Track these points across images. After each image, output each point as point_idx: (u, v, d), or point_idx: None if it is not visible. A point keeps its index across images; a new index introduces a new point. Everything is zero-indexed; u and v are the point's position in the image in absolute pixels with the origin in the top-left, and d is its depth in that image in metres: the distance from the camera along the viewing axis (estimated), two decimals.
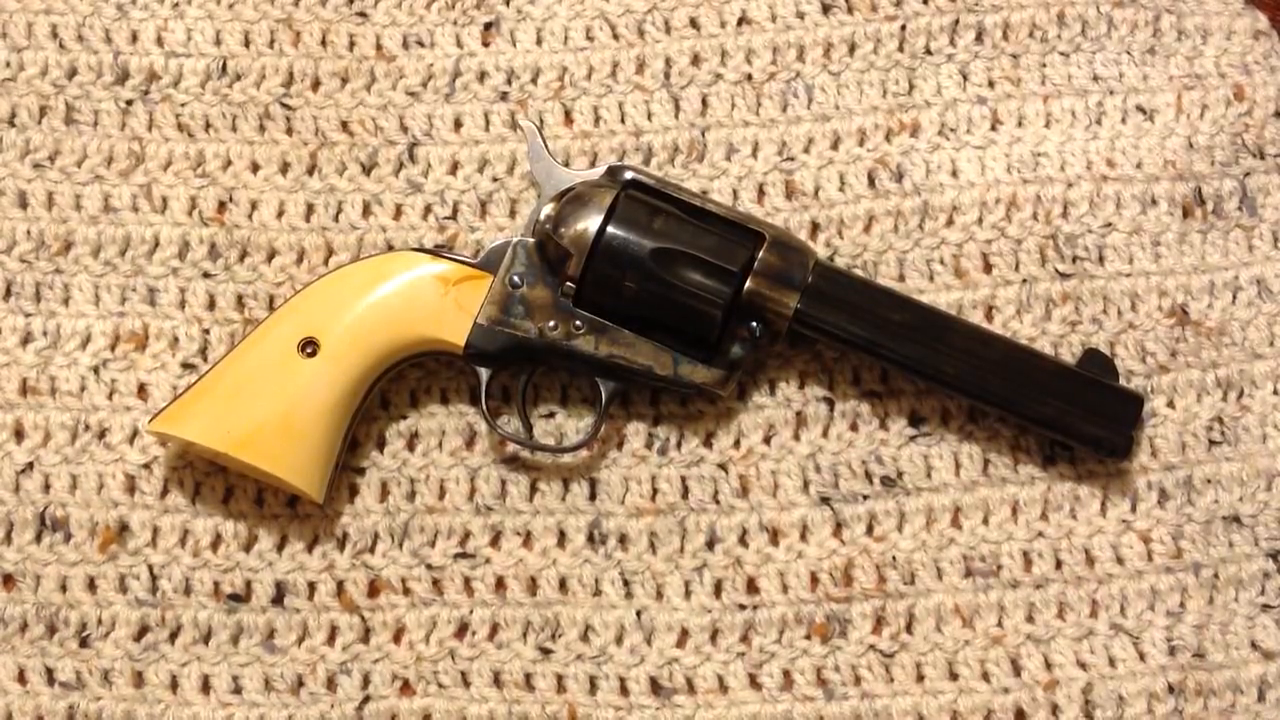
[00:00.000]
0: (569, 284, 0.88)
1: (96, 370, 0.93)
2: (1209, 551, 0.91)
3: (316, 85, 0.97)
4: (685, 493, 0.92)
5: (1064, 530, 0.91)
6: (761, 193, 0.96)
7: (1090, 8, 0.97)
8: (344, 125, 0.96)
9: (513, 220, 0.95)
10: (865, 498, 0.91)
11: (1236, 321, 0.93)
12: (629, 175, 0.90)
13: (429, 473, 0.92)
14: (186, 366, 0.93)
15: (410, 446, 0.92)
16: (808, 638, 0.90)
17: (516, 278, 0.89)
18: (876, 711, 0.89)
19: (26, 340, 0.93)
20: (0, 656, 0.90)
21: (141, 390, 0.93)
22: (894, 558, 0.90)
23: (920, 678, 0.89)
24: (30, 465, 0.92)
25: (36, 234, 0.94)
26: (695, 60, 0.97)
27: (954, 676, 0.89)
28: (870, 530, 0.91)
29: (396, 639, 0.90)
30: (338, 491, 0.91)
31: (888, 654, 0.89)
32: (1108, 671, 0.89)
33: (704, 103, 0.97)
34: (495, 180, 0.95)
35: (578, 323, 0.88)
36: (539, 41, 0.97)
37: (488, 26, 0.98)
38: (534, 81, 0.97)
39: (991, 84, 0.97)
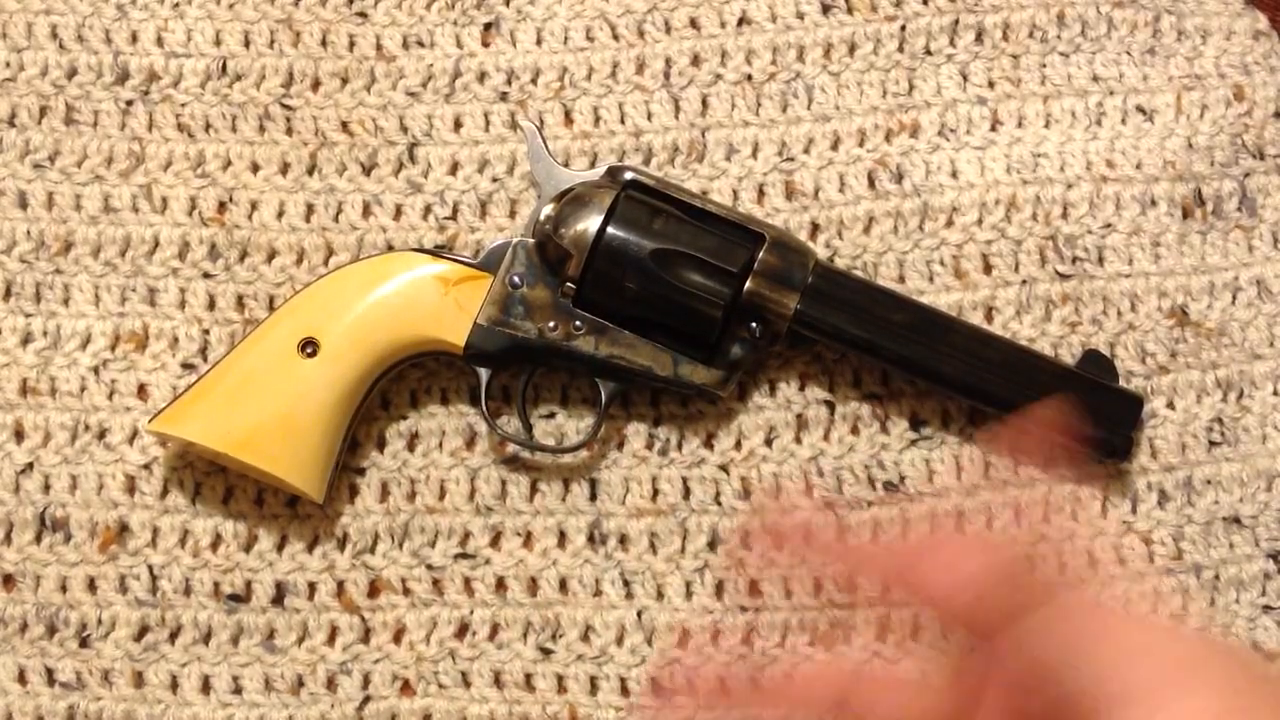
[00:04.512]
0: (569, 284, 0.88)
1: (96, 370, 0.93)
2: (1209, 553, 0.91)
3: (316, 85, 0.97)
4: (686, 494, 0.92)
5: (1066, 533, 0.91)
6: (761, 193, 0.95)
7: (1090, 8, 0.97)
8: (344, 125, 0.96)
9: (513, 220, 0.95)
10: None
11: (1236, 322, 0.93)
12: (629, 175, 0.90)
13: (429, 473, 0.92)
14: (186, 366, 0.93)
15: (410, 447, 0.92)
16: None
17: (516, 278, 0.89)
18: None
19: (26, 340, 0.93)
20: (0, 657, 0.90)
21: (141, 390, 0.93)
22: None
23: None
24: (30, 465, 0.92)
25: (36, 234, 0.94)
26: (695, 60, 0.97)
27: None
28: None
29: (397, 639, 0.90)
30: (338, 492, 0.91)
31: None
32: None
33: (704, 103, 0.97)
34: (495, 180, 0.95)
35: (577, 323, 0.88)
36: (539, 42, 0.97)
37: (488, 27, 0.98)
38: (534, 82, 0.97)
39: (991, 84, 0.97)
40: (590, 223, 0.87)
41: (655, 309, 0.88)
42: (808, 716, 0.71)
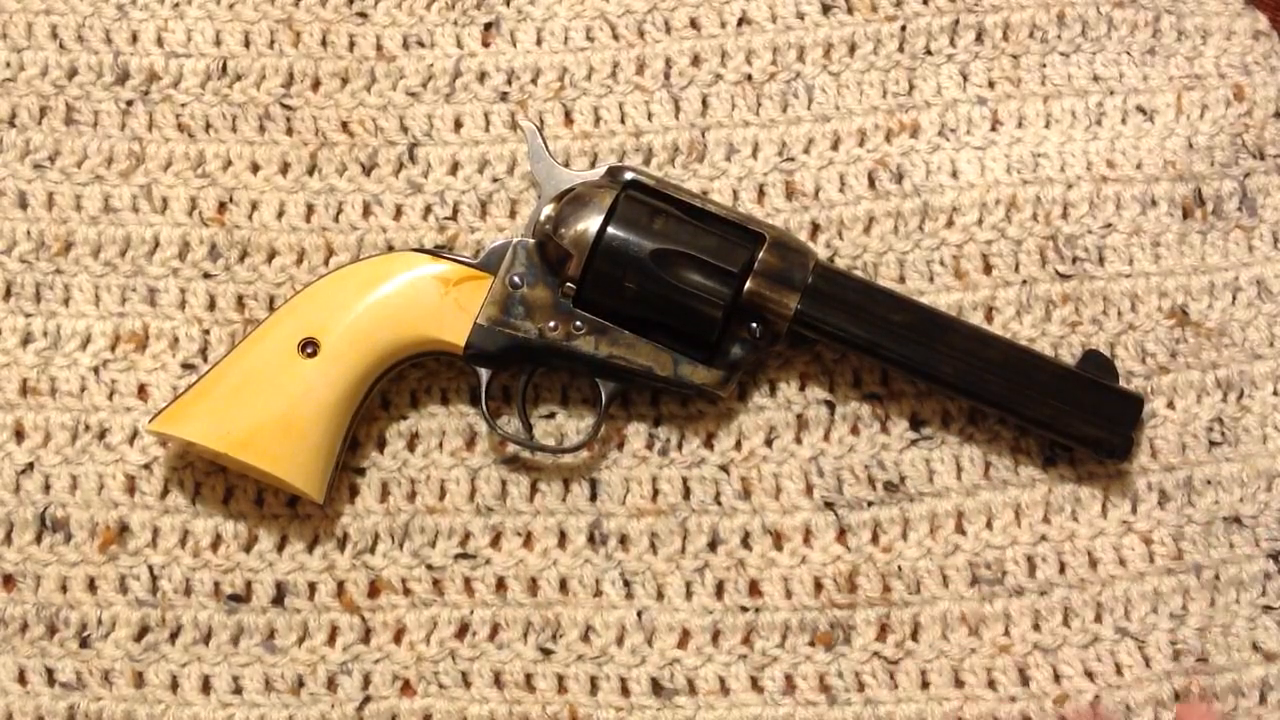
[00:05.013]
0: (569, 284, 0.88)
1: (97, 370, 0.93)
2: (1210, 553, 0.91)
3: (317, 85, 0.97)
4: (686, 494, 0.92)
5: (1066, 533, 0.91)
6: (761, 193, 0.96)
7: (1090, 8, 0.97)
8: (344, 126, 0.96)
9: (513, 221, 0.95)
10: (869, 504, 0.91)
11: (1236, 322, 0.93)
12: (629, 176, 0.90)
13: (429, 473, 0.92)
14: (186, 367, 0.93)
15: (411, 447, 0.93)
16: (811, 644, 0.90)
17: (517, 278, 0.89)
18: (880, 717, 0.89)
19: (27, 340, 0.93)
20: (0, 657, 0.90)
21: (141, 390, 0.93)
22: (899, 567, 0.90)
23: (925, 685, 0.89)
24: (30, 465, 0.92)
25: (37, 234, 0.94)
26: (695, 61, 0.97)
27: (959, 684, 0.89)
28: (875, 539, 0.91)
29: (397, 639, 0.90)
30: (338, 492, 0.91)
31: (892, 660, 0.90)
32: (1115, 680, 0.89)
33: (704, 103, 0.97)
34: (495, 180, 0.95)
35: (578, 323, 0.88)
36: (539, 42, 0.97)
37: (488, 27, 0.98)
38: (534, 82, 0.97)
39: (991, 84, 0.97)
40: (590, 223, 0.87)
41: (655, 309, 0.88)
42: None
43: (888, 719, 0.89)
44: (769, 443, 0.92)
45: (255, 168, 0.96)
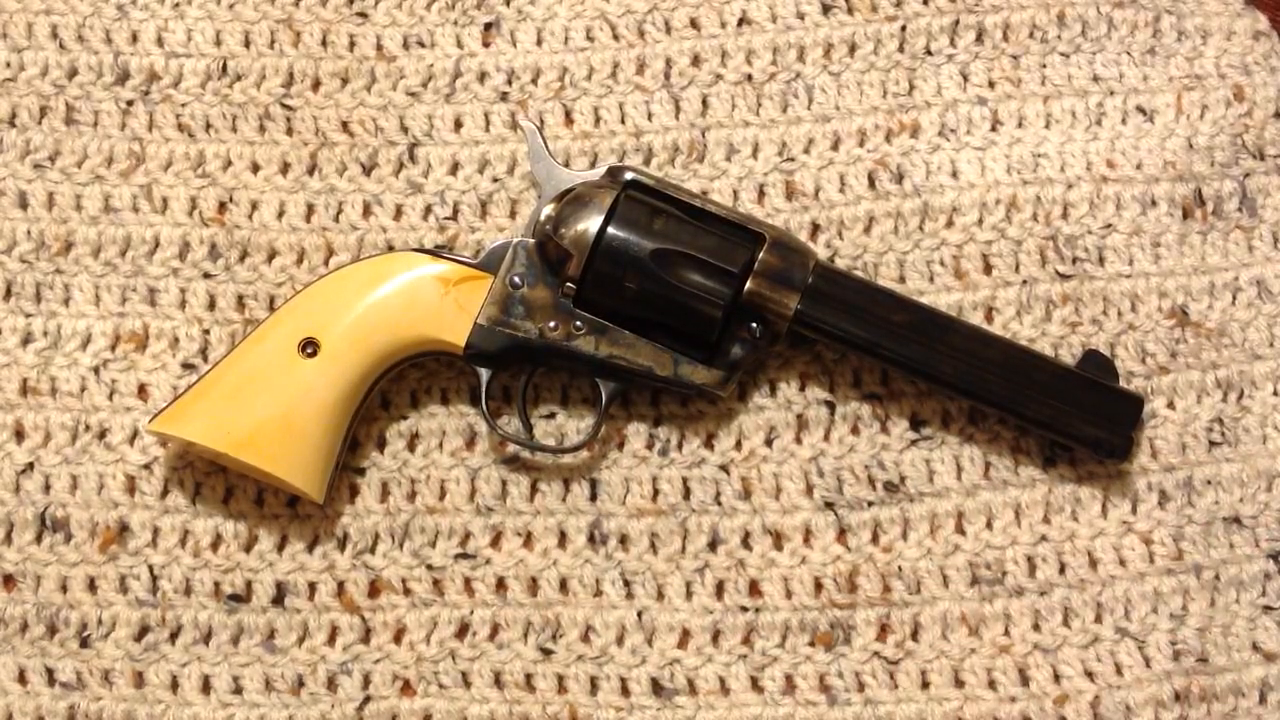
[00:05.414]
0: (569, 284, 0.88)
1: (97, 370, 0.93)
2: (1210, 553, 0.91)
3: (317, 86, 0.97)
4: (687, 494, 0.92)
5: (1066, 533, 0.91)
6: (762, 193, 0.96)
7: (1090, 8, 0.97)
8: (344, 126, 0.96)
9: (513, 221, 0.95)
10: (870, 504, 0.91)
11: (1236, 322, 0.93)
12: (629, 176, 0.90)
13: (429, 473, 0.92)
14: (187, 367, 0.93)
15: (411, 447, 0.93)
16: (811, 644, 0.90)
17: (517, 278, 0.89)
18: (880, 717, 0.89)
19: (27, 340, 0.93)
20: (1, 656, 0.90)
21: (142, 390, 0.93)
22: (899, 567, 0.90)
23: (925, 685, 0.89)
24: (30, 465, 0.92)
25: (37, 234, 0.94)
26: (695, 61, 0.97)
27: (960, 684, 0.89)
28: (875, 539, 0.91)
29: (397, 639, 0.90)
30: (338, 492, 0.91)
31: (892, 661, 0.90)
32: (1115, 680, 0.89)
33: (704, 103, 0.97)
34: (495, 180, 0.95)
35: (578, 323, 0.88)
36: (539, 42, 0.97)
37: (488, 27, 0.98)
38: (534, 82, 0.97)
39: (992, 84, 0.97)
40: (590, 223, 0.87)
41: (656, 309, 0.88)
42: None
43: (888, 719, 0.89)
44: (769, 443, 0.92)
45: (255, 168, 0.96)
